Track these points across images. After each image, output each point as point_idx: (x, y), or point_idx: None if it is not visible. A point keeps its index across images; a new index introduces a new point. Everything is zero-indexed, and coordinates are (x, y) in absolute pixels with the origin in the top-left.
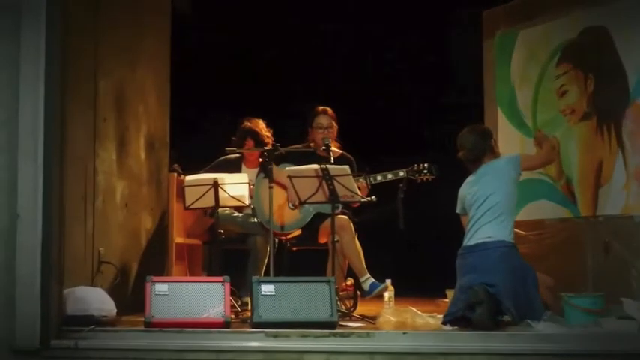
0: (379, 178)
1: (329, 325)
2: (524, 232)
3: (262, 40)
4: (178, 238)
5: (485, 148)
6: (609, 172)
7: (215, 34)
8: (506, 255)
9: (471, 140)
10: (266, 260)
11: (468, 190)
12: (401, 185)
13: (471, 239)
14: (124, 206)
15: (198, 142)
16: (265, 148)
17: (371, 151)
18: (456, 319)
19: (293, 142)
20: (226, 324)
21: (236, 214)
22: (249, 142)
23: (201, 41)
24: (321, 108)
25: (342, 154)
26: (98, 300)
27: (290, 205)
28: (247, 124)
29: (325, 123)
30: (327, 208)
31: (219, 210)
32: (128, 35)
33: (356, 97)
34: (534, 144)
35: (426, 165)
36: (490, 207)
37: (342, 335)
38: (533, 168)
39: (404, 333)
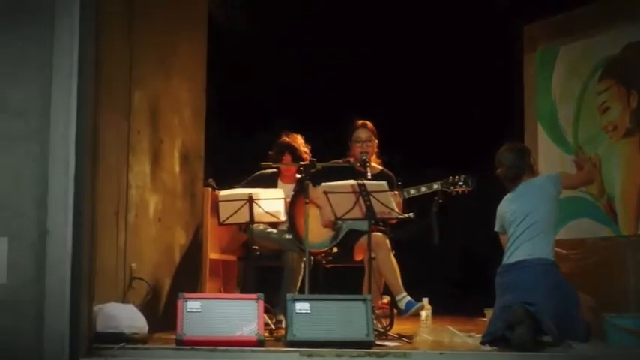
0: (413, 191)
1: (365, 344)
2: (564, 251)
3: (303, 55)
4: (212, 254)
5: (524, 167)
6: None
7: (257, 49)
8: (547, 272)
9: (510, 158)
10: (300, 277)
11: (508, 207)
12: (436, 198)
13: (510, 257)
14: (158, 221)
15: (235, 157)
16: (302, 163)
17: (410, 164)
18: (495, 339)
19: (335, 157)
20: (260, 342)
21: (270, 229)
22: (287, 157)
23: (241, 55)
24: (360, 122)
25: (382, 170)
26: (129, 317)
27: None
28: (285, 138)
29: (364, 137)
30: (361, 225)
31: (254, 226)
32: (163, 47)
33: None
34: (575, 167)
35: (462, 177)
36: (530, 225)
37: (378, 355)
38: (573, 187)
39: (441, 353)
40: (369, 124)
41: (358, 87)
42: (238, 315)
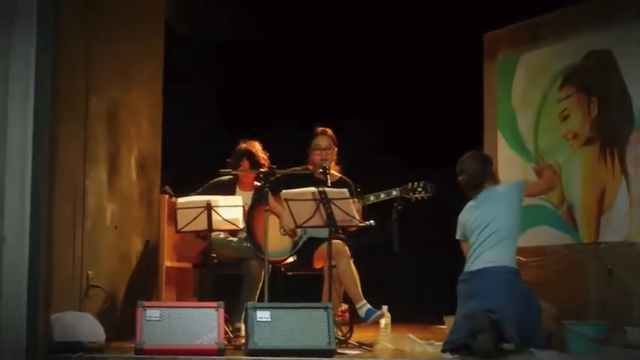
0: (372, 198)
1: (326, 353)
2: (524, 259)
3: (262, 60)
4: (168, 262)
5: (487, 175)
6: (612, 198)
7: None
8: (510, 281)
9: (473, 166)
10: (260, 285)
11: (469, 215)
12: (395, 204)
13: (472, 265)
14: (114, 228)
15: (191, 164)
16: (261, 170)
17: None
18: (457, 347)
19: (291, 165)
20: (220, 351)
21: (230, 238)
22: (245, 164)
23: (197, 63)
24: (320, 129)
25: (340, 177)
26: (87, 326)
27: (281, 230)
28: (243, 145)
29: (324, 144)
30: (320, 233)
31: (213, 234)
32: (121, 55)
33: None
34: (535, 174)
35: (421, 183)
36: (493, 232)
37: None
38: (535, 194)
39: None
40: (329, 131)
41: (323, 94)
42: (198, 324)
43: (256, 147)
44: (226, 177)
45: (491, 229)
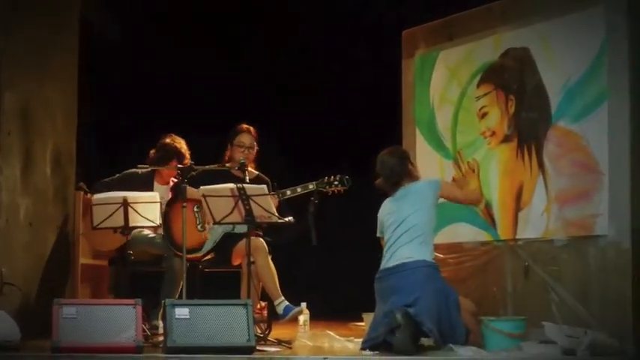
0: (289, 192)
1: (246, 350)
2: (442, 255)
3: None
4: (84, 259)
5: (404, 171)
6: (529, 195)
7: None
8: (428, 275)
9: (391, 162)
10: (182, 283)
11: (385, 211)
12: (312, 198)
13: (389, 261)
14: (29, 225)
15: (107, 160)
16: (179, 166)
17: (288, 167)
18: (377, 344)
19: (208, 161)
20: (138, 349)
21: (152, 234)
22: (174, 162)
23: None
24: (244, 126)
25: (257, 174)
26: (1, 325)
27: (199, 226)
28: (173, 142)
29: (247, 142)
30: (238, 229)
31: (135, 231)
32: (36, 49)
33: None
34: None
35: (337, 176)
36: (408, 228)
37: None
38: (451, 200)
39: (324, 358)
40: (252, 129)
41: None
42: (115, 321)
43: (184, 145)
44: (143, 170)
45: (407, 226)
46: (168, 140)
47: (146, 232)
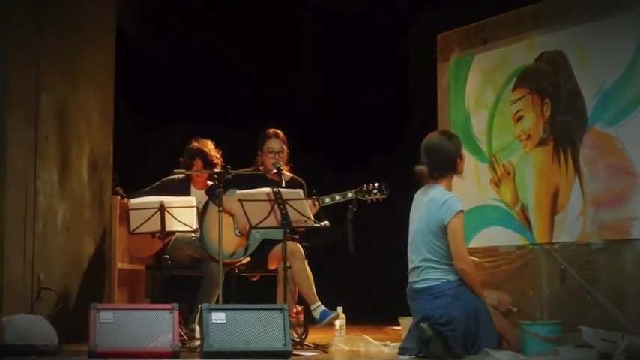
0: (327, 200)
1: (283, 354)
2: (478, 259)
3: (211, 60)
4: (121, 264)
5: (459, 156)
6: (566, 198)
7: (164, 54)
8: (455, 296)
9: (447, 147)
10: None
11: (413, 204)
12: (350, 206)
13: (417, 283)
14: (66, 230)
15: (144, 164)
16: (215, 170)
17: (324, 172)
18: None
19: (242, 166)
20: (175, 354)
21: (194, 236)
22: (198, 163)
23: (146, 60)
24: (272, 131)
25: (292, 177)
26: (39, 328)
27: (236, 231)
28: (195, 144)
29: (276, 147)
30: (274, 234)
31: (178, 233)
32: (71, 52)
33: (309, 119)
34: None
35: (376, 184)
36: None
37: None
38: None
39: None
40: (281, 133)
41: (268, 94)
42: (152, 326)
43: (209, 146)
44: (180, 175)
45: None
46: (192, 143)
47: (189, 234)
